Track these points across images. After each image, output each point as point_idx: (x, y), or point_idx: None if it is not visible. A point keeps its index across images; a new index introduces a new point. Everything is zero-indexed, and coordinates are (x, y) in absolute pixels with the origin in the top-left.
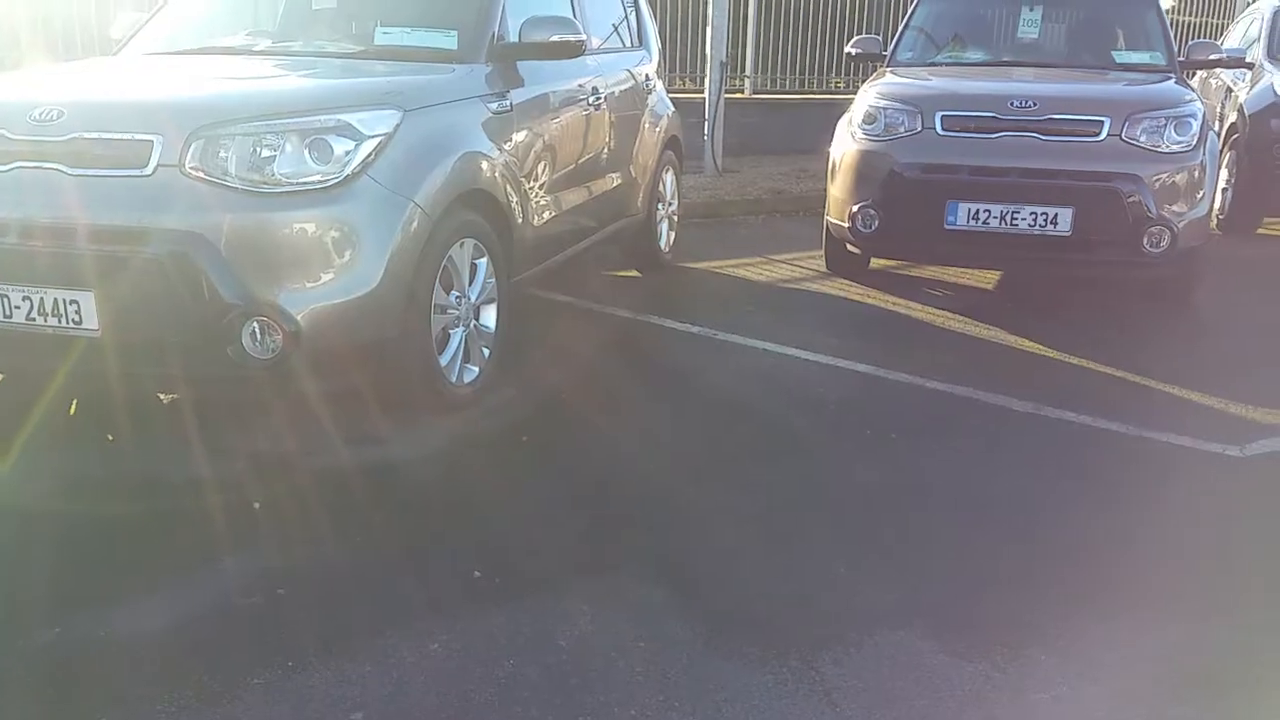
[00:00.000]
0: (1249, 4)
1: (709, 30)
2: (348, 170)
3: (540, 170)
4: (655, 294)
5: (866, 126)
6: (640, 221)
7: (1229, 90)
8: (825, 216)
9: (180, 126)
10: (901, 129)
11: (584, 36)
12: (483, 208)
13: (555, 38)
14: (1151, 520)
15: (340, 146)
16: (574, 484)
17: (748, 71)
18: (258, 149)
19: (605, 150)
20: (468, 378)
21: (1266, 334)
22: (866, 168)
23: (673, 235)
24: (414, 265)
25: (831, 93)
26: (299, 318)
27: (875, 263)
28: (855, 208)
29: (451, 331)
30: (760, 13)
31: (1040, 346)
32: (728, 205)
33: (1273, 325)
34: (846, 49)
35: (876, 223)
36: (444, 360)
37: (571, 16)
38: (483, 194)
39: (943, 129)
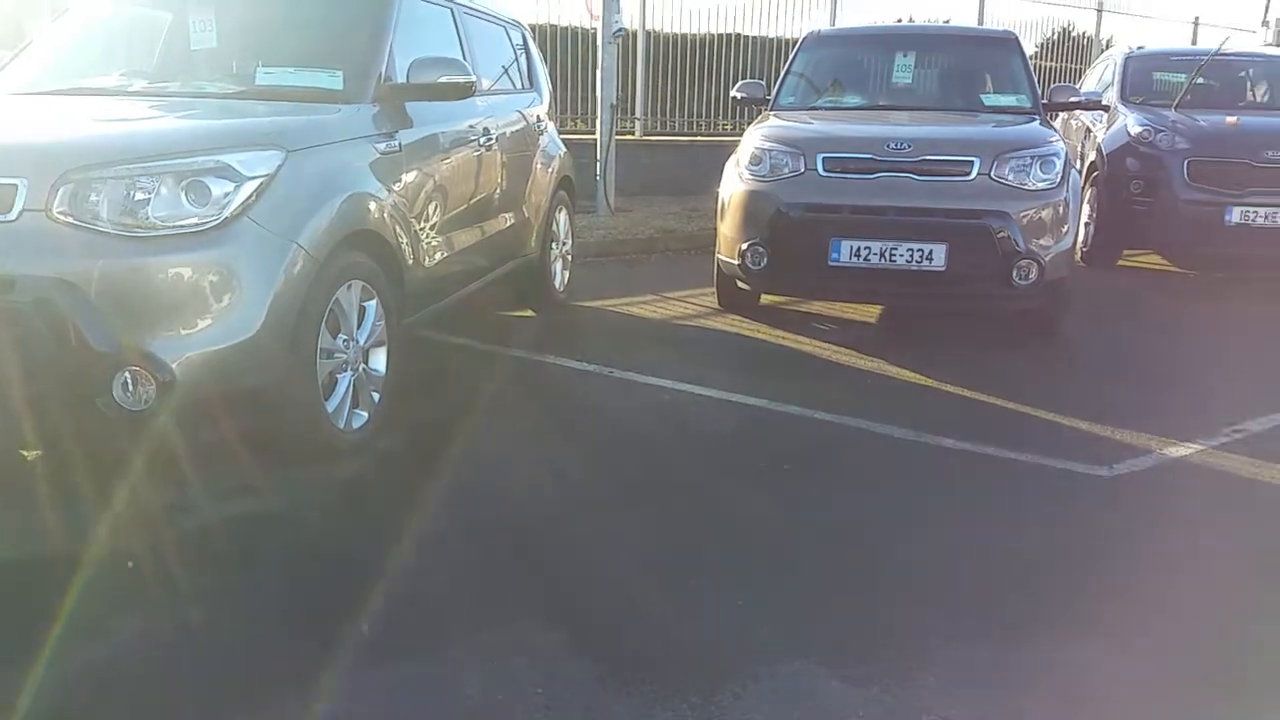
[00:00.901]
0: (1103, 50)
1: (599, 73)
2: (226, 213)
3: (431, 211)
4: (550, 333)
5: (753, 168)
6: (534, 261)
7: (1088, 130)
8: (716, 254)
9: (47, 169)
10: (786, 170)
11: (474, 78)
12: (371, 249)
13: (444, 79)
14: (1029, 541)
15: (219, 188)
16: (468, 529)
17: (638, 114)
18: (131, 192)
19: (497, 190)
20: (356, 423)
21: (1129, 359)
22: (754, 207)
23: (567, 274)
24: (298, 309)
25: (719, 135)
26: (174, 366)
27: (765, 298)
28: (745, 246)
29: (339, 376)
30: (648, 57)
31: (920, 376)
32: (621, 244)
33: (1134, 351)
34: (732, 93)
35: (765, 260)
36: (331, 406)
37: (461, 58)
38: (371, 235)
39: (824, 170)
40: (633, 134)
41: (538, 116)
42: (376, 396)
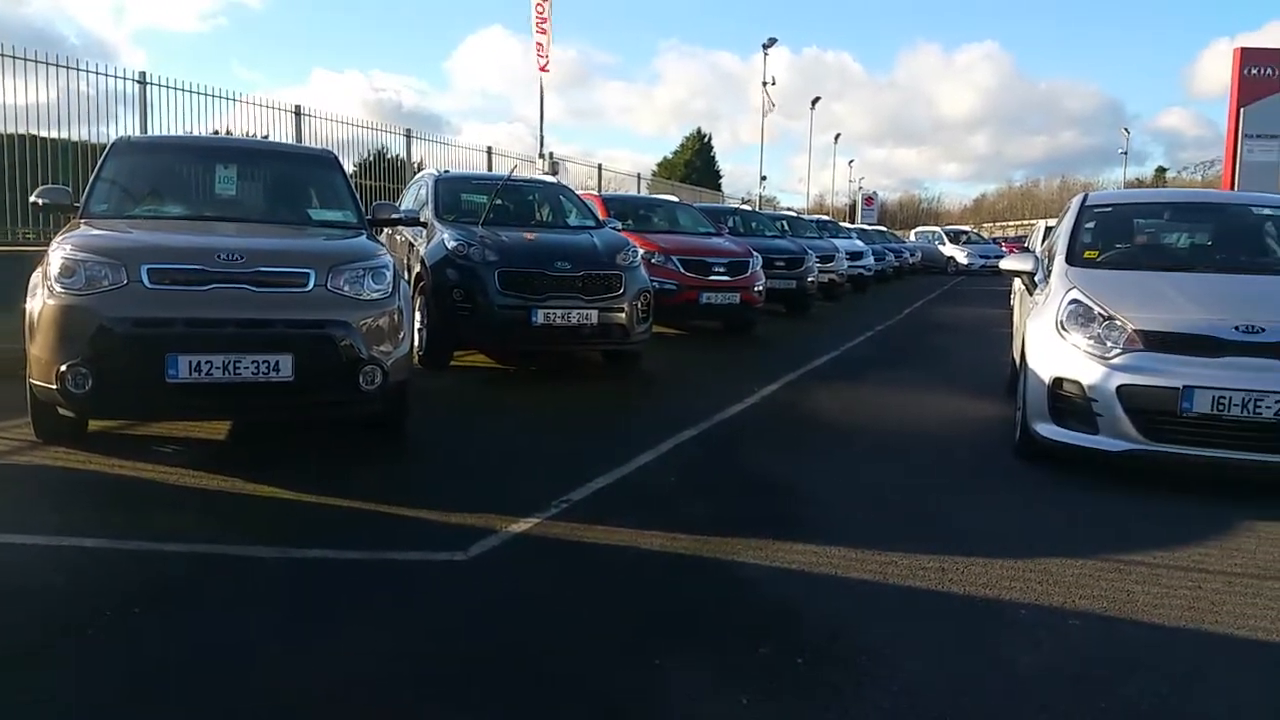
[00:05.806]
0: (415, 172)
1: None
2: None
3: None
4: None
5: (65, 280)
6: None
7: (411, 245)
8: (28, 379)
9: None
10: (105, 282)
11: None
12: None
13: None
14: (407, 635)
15: None
16: None
17: None
18: None
19: None
20: None
21: (465, 449)
22: (71, 324)
23: None
24: None
25: (20, 244)
26: None
27: (95, 424)
28: (63, 367)
29: None
30: None
31: (278, 490)
32: None
33: (468, 441)
34: (31, 199)
35: (90, 382)
36: None
37: None
38: None
39: (151, 282)
40: None
41: None
42: None
